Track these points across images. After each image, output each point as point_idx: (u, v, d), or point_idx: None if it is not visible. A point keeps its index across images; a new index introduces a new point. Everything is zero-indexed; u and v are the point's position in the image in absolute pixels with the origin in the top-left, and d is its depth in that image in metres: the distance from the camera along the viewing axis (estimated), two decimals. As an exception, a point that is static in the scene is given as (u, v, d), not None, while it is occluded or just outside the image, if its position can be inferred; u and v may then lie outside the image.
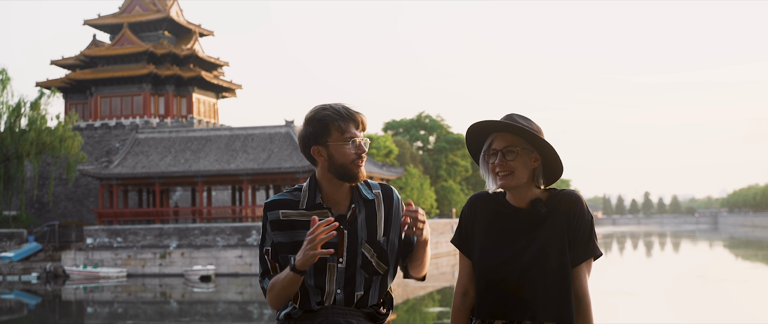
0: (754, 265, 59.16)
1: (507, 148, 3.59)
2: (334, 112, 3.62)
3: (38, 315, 38.47)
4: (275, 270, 3.71)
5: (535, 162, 3.62)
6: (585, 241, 3.60)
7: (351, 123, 3.62)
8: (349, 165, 3.62)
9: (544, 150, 3.60)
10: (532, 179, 3.63)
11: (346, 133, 3.60)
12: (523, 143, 3.60)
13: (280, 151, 56.66)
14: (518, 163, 3.59)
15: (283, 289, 3.61)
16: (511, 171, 3.58)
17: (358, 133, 3.64)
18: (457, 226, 3.77)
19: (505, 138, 3.61)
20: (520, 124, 3.59)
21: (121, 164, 58.14)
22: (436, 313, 33.75)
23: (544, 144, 3.58)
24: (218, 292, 44.85)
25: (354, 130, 3.62)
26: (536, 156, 3.61)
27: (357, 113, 3.65)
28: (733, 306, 33.90)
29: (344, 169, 3.62)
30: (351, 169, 3.62)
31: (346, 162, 3.61)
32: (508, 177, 3.59)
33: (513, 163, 3.58)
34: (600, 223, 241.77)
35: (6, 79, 61.79)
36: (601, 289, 37.53)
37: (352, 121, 3.63)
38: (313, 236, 3.44)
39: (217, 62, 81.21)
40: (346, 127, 3.61)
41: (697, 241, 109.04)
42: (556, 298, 3.54)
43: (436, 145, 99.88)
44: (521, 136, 3.60)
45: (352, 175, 3.64)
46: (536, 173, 3.63)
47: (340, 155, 3.61)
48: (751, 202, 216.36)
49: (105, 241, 54.98)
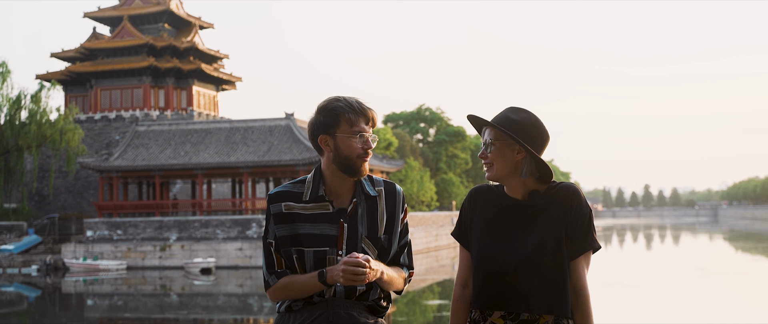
0: (754, 258, 59.18)
1: (488, 141, 3.65)
2: (347, 104, 3.64)
3: (38, 307, 38.50)
4: (280, 264, 3.73)
5: (519, 155, 3.63)
6: (583, 234, 3.60)
7: (361, 117, 3.64)
8: (353, 159, 3.64)
9: (529, 143, 3.63)
10: (519, 172, 3.65)
11: (355, 126, 3.62)
12: (502, 136, 3.63)
13: (280, 143, 56.66)
14: (496, 155, 3.64)
15: (302, 292, 3.66)
16: (491, 163, 3.65)
17: (368, 128, 3.66)
18: (458, 219, 3.80)
19: (490, 131, 3.68)
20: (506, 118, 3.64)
21: (121, 157, 58.15)
22: (436, 305, 33.78)
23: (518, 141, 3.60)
24: (218, 285, 44.89)
25: (363, 125, 3.64)
26: (519, 149, 3.63)
27: (369, 109, 3.66)
28: (734, 299, 33.91)
29: (349, 161, 3.64)
30: (355, 162, 3.64)
31: (352, 155, 3.63)
32: (489, 168, 3.67)
33: (491, 156, 3.65)
34: (600, 215, 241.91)
35: (6, 72, 61.73)
36: (601, 281, 37.56)
37: (363, 115, 3.64)
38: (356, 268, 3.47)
39: (217, 55, 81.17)
40: (356, 120, 3.63)
41: (697, 233, 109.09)
42: (552, 291, 3.55)
43: (436, 137, 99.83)
44: (498, 130, 3.64)
45: (355, 169, 3.65)
46: (522, 165, 3.64)
47: (346, 148, 3.63)
48: (752, 194, 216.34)
49: (105, 234, 54.99)
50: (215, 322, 32.33)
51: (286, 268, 3.73)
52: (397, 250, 3.78)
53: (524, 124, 3.62)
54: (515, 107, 3.69)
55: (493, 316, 3.63)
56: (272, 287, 3.73)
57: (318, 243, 3.65)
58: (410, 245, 3.85)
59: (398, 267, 3.78)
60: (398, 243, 3.77)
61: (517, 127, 3.61)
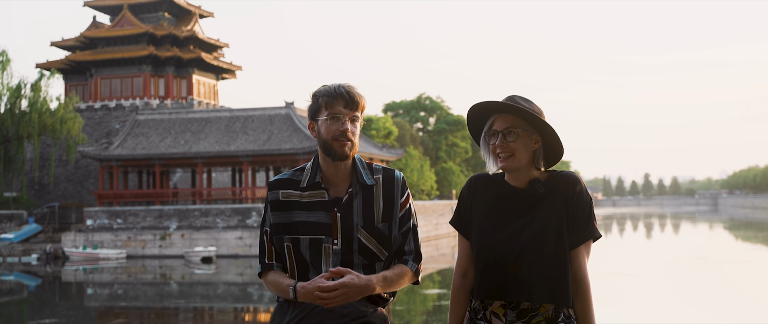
0: (754, 247, 59.19)
1: (508, 130, 3.57)
2: (325, 89, 3.67)
3: (38, 296, 38.52)
4: (271, 255, 3.76)
5: (536, 144, 3.60)
6: (584, 223, 3.58)
7: (339, 100, 3.63)
8: (331, 142, 3.63)
9: (544, 132, 3.58)
10: (533, 161, 3.62)
11: (331, 109, 3.62)
12: (524, 125, 3.58)
13: (280, 132, 56.63)
14: (519, 144, 3.57)
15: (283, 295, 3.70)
16: (512, 152, 3.57)
17: (346, 111, 3.63)
18: (456, 208, 3.76)
19: (506, 119, 3.59)
20: (522, 106, 3.57)
21: (121, 146, 58.12)
22: (436, 294, 33.78)
23: (545, 126, 3.56)
24: (218, 274, 44.89)
25: (341, 108, 3.63)
26: (537, 137, 3.59)
27: (348, 92, 3.64)
28: (734, 288, 33.91)
29: (327, 145, 3.64)
30: (332, 145, 3.63)
31: (328, 138, 3.63)
32: (509, 159, 3.57)
33: (513, 145, 3.57)
34: (600, 204, 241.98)
35: (6, 61, 61.67)
36: (601, 270, 37.56)
37: (341, 98, 3.63)
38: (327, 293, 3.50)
39: (217, 43, 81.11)
40: (332, 103, 3.63)
41: (697, 222, 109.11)
42: (553, 280, 3.53)
43: (436, 126, 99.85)
44: (522, 118, 3.58)
45: (335, 152, 3.64)
46: (537, 155, 3.62)
47: (325, 131, 3.64)
48: (751, 183, 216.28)
49: (105, 223, 55.01)
50: (215, 311, 32.34)
51: (276, 259, 3.76)
52: (399, 238, 3.74)
53: (537, 111, 3.59)
54: (519, 96, 3.65)
55: (493, 305, 3.61)
56: (263, 279, 3.80)
57: (313, 231, 3.65)
58: (415, 231, 3.80)
59: (401, 263, 3.75)
60: (399, 229, 3.73)
61: (534, 116, 3.58)
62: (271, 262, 3.76)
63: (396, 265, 3.74)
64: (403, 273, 3.72)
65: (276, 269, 3.76)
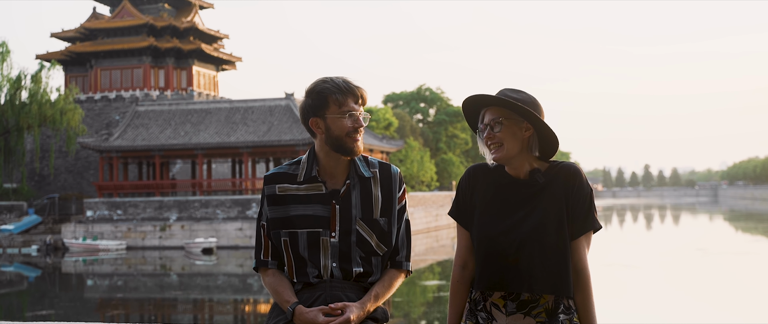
0: (754, 238, 59.23)
1: (493, 120, 3.57)
2: (334, 85, 3.63)
3: (38, 287, 38.54)
4: (267, 249, 3.77)
5: (527, 132, 3.58)
6: (584, 214, 3.56)
7: (350, 96, 3.63)
8: (344, 138, 3.62)
9: (533, 120, 3.57)
10: (527, 149, 3.59)
11: (343, 106, 3.61)
12: (510, 114, 3.56)
13: (280, 123, 56.63)
14: (506, 134, 3.55)
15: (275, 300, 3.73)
16: (501, 142, 3.55)
17: (357, 107, 3.64)
18: (455, 199, 3.74)
19: (493, 111, 3.59)
20: (508, 97, 3.56)
21: (121, 137, 58.12)
22: (436, 286, 33.80)
23: (530, 115, 3.54)
24: (218, 265, 44.94)
25: (352, 104, 3.63)
26: (527, 125, 3.57)
27: (357, 87, 3.65)
28: (734, 279, 33.94)
29: (340, 141, 3.63)
30: (346, 142, 3.63)
31: (342, 135, 3.62)
32: (499, 149, 3.56)
33: (500, 135, 3.55)
34: (600, 195, 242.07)
35: (6, 52, 61.59)
36: (601, 262, 37.59)
37: (352, 94, 3.63)
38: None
39: (217, 35, 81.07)
40: (344, 100, 3.62)
41: (697, 213, 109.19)
42: (554, 271, 3.51)
43: (436, 117, 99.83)
44: (506, 108, 3.57)
45: (347, 148, 3.64)
46: (530, 143, 3.59)
47: (337, 128, 3.62)
48: (751, 174, 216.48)
49: (105, 214, 55.03)
50: (215, 302, 32.37)
51: (272, 256, 3.77)
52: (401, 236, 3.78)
53: (526, 101, 3.57)
54: (510, 88, 3.64)
55: (493, 296, 3.59)
56: (261, 275, 3.82)
57: (311, 224, 3.66)
58: (408, 227, 3.82)
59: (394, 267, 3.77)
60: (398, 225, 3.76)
61: (522, 104, 3.56)
62: (266, 258, 3.78)
63: (389, 271, 3.76)
64: (393, 281, 3.76)
65: (272, 267, 3.78)
